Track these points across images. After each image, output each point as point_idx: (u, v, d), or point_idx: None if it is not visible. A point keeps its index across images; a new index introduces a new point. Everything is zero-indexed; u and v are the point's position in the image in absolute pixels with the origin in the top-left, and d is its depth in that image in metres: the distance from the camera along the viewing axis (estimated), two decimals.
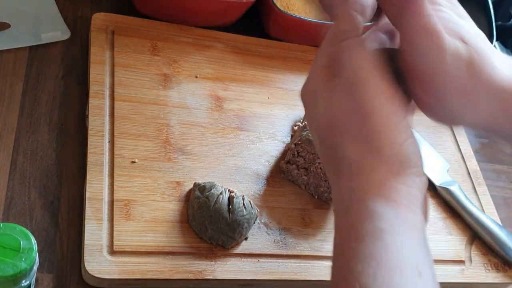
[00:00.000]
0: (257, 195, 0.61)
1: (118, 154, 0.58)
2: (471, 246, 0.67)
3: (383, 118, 0.38)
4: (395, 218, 0.36)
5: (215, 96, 0.68)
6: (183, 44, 0.71)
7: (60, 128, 0.61)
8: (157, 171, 0.59)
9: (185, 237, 0.55)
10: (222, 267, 0.55)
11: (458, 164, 0.75)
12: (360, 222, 0.36)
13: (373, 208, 0.36)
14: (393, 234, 0.35)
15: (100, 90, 0.62)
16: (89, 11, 0.71)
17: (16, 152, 0.57)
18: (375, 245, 0.34)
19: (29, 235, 0.42)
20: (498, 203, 0.75)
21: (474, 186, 0.73)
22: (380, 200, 0.36)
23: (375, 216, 0.36)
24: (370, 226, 0.35)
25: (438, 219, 0.68)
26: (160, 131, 0.62)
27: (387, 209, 0.36)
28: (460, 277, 0.64)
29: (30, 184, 0.56)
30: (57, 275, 0.52)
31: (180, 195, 0.58)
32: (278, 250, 0.58)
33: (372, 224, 0.35)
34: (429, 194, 0.70)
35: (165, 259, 0.53)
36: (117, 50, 0.67)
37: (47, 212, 0.55)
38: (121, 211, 0.55)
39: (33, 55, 0.65)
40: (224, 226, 0.55)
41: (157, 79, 0.67)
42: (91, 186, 0.55)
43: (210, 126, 0.65)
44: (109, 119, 0.61)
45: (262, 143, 0.66)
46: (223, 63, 0.72)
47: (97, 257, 0.51)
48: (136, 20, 0.70)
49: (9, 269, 0.41)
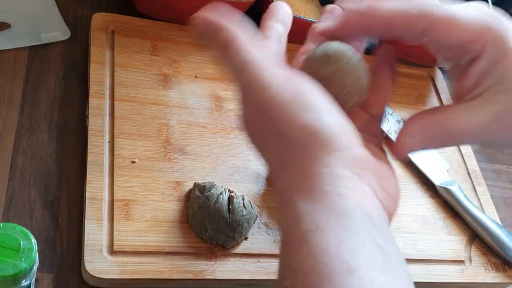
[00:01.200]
0: (257, 195, 0.61)
1: (118, 154, 0.58)
2: (471, 246, 0.67)
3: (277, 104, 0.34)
4: (318, 213, 0.32)
5: (215, 96, 0.68)
6: (183, 44, 0.71)
7: (60, 128, 0.61)
8: (157, 171, 0.59)
9: (185, 237, 0.55)
10: (222, 267, 0.55)
11: (458, 164, 0.75)
12: (289, 228, 0.33)
13: (297, 207, 0.32)
14: (317, 234, 0.31)
15: (100, 90, 0.62)
16: (89, 11, 0.71)
17: (16, 152, 0.57)
18: (300, 252, 0.31)
19: (29, 235, 0.42)
20: (498, 203, 0.75)
21: (474, 186, 0.73)
22: (302, 195, 0.33)
23: (299, 217, 0.32)
24: (297, 231, 0.32)
25: (438, 219, 0.68)
26: (160, 131, 0.62)
27: (309, 204, 0.32)
28: (460, 277, 0.64)
29: (30, 184, 0.56)
30: (57, 275, 0.52)
31: (180, 195, 0.58)
32: (278, 250, 0.58)
33: (298, 228, 0.32)
34: (429, 194, 0.70)
35: (165, 259, 0.53)
36: (117, 50, 0.67)
37: (47, 212, 0.55)
38: (121, 211, 0.55)
39: (33, 55, 0.65)
40: (224, 226, 0.55)
41: (157, 79, 0.67)
42: (91, 186, 0.55)
43: (210, 126, 0.65)
44: (109, 119, 0.61)
45: None
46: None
47: (97, 257, 0.51)
48: (136, 20, 0.70)
49: (9, 269, 0.41)
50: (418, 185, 0.71)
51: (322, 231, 0.31)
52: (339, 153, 0.33)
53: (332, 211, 0.32)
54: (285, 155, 0.34)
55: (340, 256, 0.30)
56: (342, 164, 0.33)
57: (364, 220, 0.32)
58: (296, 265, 0.31)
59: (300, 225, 0.32)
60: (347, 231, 0.31)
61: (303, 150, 0.34)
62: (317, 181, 0.33)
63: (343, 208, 0.32)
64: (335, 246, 0.30)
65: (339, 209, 0.32)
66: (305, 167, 0.33)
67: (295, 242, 0.31)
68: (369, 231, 0.32)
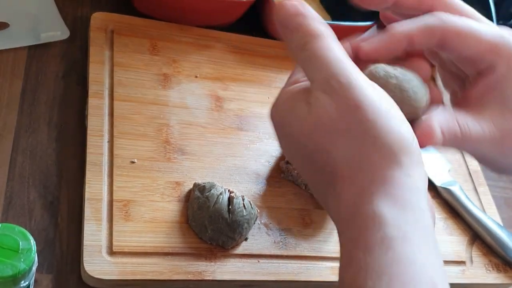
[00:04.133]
0: (257, 195, 0.61)
1: (118, 154, 0.58)
2: (472, 246, 0.67)
3: (373, 106, 0.34)
4: (405, 222, 0.33)
5: (215, 96, 0.68)
6: (183, 44, 0.71)
7: (60, 128, 0.61)
8: (156, 171, 0.59)
9: (184, 237, 0.55)
10: (222, 268, 0.55)
11: (459, 164, 0.75)
12: (368, 230, 0.33)
13: (380, 211, 0.33)
14: (404, 242, 0.32)
15: (99, 90, 0.62)
16: (89, 10, 0.71)
17: (15, 152, 0.57)
18: (385, 256, 0.31)
19: (28, 236, 0.42)
20: (499, 203, 0.75)
21: (475, 187, 0.73)
22: (387, 200, 0.33)
23: (384, 221, 0.32)
24: (379, 234, 0.32)
25: (439, 220, 0.68)
26: (160, 131, 0.62)
27: (396, 211, 0.33)
28: (461, 277, 0.64)
29: (30, 184, 0.56)
30: (56, 275, 0.51)
31: (179, 195, 0.58)
32: (278, 251, 0.58)
33: (381, 231, 0.32)
34: (430, 195, 0.70)
35: (165, 260, 0.53)
36: (117, 49, 0.66)
37: (46, 212, 0.55)
38: (120, 211, 0.54)
39: (32, 55, 0.65)
40: (224, 226, 0.55)
41: (157, 79, 0.66)
42: (91, 186, 0.55)
43: (210, 126, 0.65)
44: (109, 119, 0.61)
45: (262, 143, 0.66)
46: (223, 63, 0.71)
47: (97, 258, 0.51)
48: (135, 20, 0.70)
49: (8, 269, 0.40)
50: None
51: (409, 241, 0.32)
52: (418, 166, 0.35)
53: (417, 224, 0.33)
54: (368, 153, 0.34)
55: (426, 270, 0.32)
56: (420, 177, 0.35)
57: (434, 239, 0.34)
58: (380, 268, 0.31)
59: (383, 229, 0.32)
60: (429, 247, 0.33)
61: (392, 154, 0.34)
62: (402, 190, 0.34)
63: (425, 224, 0.34)
64: (422, 259, 0.32)
65: (422, 224, 0.33)
66: (391, 172, 0.34)
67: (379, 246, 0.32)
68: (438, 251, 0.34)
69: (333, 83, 0.35)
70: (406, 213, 0.33)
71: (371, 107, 0.34)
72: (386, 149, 0.34)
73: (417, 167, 0.35)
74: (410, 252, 0.32)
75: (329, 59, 0.36)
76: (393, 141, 0.34)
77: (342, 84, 0.35)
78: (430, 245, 0.33)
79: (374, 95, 0.35)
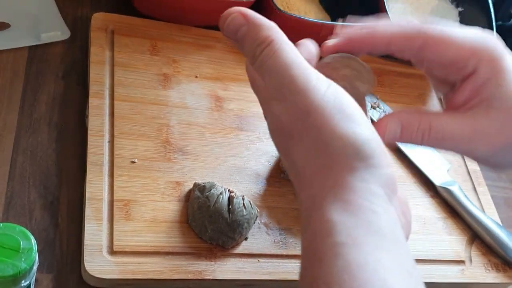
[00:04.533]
0: (257, 195, 0.61)
1: (118, 154, 0.58)
2: (471, 246, 0.67)
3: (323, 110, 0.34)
4: (354, 226, 0.32)
5: (215, 96, 0.68)
6: (183, 44, 0.71)
7: (60, 128, 0.61)
8: (157, 171, 0.59)
9: (185, 237, 0.55)
10: (222, 267, 0.55)
11: (458, 164, 0.75)
12: (319, 237, 0.32)
13: (330, 217, 0.32)
14: (354, 248, 0.31)
15: (100, 90, 0.62)
16: (89, 11, 0.71)
17: (15, 152, 0.57)
18: (335, 265, 0.30)
19: (29, 235, 0.42)
20: (498, 203, 0.75)
21: (474, 186, 0.73)
22: (337, 205, 0.32)
23: (333, 227, 0.32)
24: (329, 241, 0.31)
25: (438, 219, 0.68)
26: (160, 131, 0.62)
27: (346, 216, 0.32)
28: (460, 277, 0.64)
29: (30, 184, 0.56)
30: (56, 275, 0.52)
31: (180, 195, 0.58)
32: (278, 250, 0.58)
33: (331, 238, 0.31)
34: (430, 194, 0.70)
35: (165, 259, 0.53)
36: (117, 50, 0.67)
37: (46, 212, 0.55)
38: (121, 211, 0.54)
39: (32, 55, 0.65)
40: (224, 226, 0.55)
41: (157, 79, 0.66)
42: (91, 186, 0.55)
43: (210, 126, 0.65)
44: (109, 119, 0.61)
45: (262, 143, 0.66)
46: (223, 63, 0.72)
47: (97, 257, 0.51)
48: (135, 20, 0.70)
49: (8, 269, 0.40)
50: (418, 185, 0.70)
51: (359, 247, 0.31)
52: (375, 170, 0.34)
53: (369, 228, 0.32)
54: (323, 161, 0.34)
55: (378, 274, 0.30)
56: (377, 181, 0.34)
57: (395, 242, 0.33)
58: (330, 278, 0.30)
59: (333, 236, 0.31)
60: (382, 251, 0.32)
61: (344, 159, 0.34)
62: (354, 194, 0.33)
63: (379, 227, 0.32)
64: (373, 264, 0.31)
65: (375, 227, 0.32)
66: (343, 177, 0.33)
67: (329, 254, 0.31)
68: (400, 253, 0.32)
69: (284, 91, 0.36)
70: (357, 217, 0.32)
71: (321, 112, 0.34)
72: (338, 154, 0.34)
73: (375, 170, 0.34)
74: (361, 258, 0.31)
75: (278, 67, 0.36)
76: (345, 146, 0.34)
77: (291, 91, 0.35)
78: (384, 248, 0.32)
79: (325, 98, 0.35)
